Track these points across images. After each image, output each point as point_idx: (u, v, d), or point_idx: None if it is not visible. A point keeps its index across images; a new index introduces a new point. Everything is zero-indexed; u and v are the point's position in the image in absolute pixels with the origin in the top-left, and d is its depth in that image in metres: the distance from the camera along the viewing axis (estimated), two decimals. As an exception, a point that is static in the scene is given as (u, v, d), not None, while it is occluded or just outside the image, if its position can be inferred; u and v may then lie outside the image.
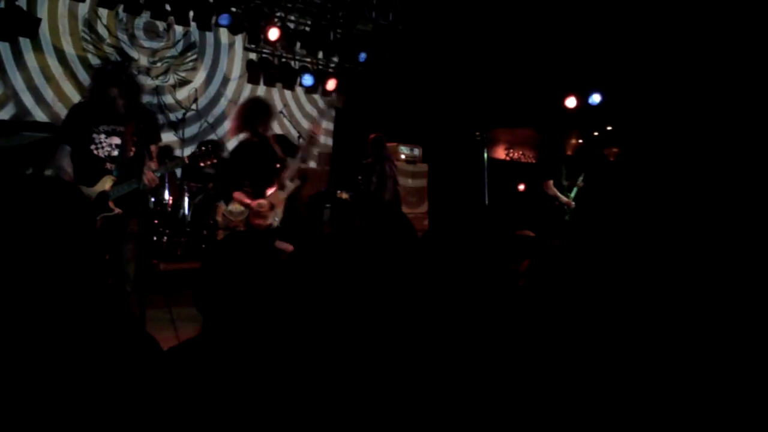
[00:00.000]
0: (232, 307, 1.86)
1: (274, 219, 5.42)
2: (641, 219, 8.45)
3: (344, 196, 8.67)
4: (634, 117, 9.77)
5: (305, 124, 10.78)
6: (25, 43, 8.01)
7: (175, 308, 4.87)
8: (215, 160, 4.72)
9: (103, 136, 4.17)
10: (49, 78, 8.25)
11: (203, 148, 4.86)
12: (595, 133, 10.48)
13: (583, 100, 9.80)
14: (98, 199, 4.12)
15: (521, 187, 11.07)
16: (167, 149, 8.20)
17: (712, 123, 8.94)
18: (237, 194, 5.42)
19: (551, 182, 7.37)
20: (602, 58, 9.77)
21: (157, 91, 9.29)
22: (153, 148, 4.49)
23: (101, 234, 4.08)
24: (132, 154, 4.27)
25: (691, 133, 9.16)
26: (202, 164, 4.72)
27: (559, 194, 7.33)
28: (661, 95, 9.41)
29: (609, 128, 10.40)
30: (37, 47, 8.16)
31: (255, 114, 5.46)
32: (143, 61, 9.16)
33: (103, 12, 8.74)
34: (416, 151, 10.12)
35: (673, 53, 9.19)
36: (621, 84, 9.72)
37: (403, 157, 9.84)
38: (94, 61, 8.60)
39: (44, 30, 8.16)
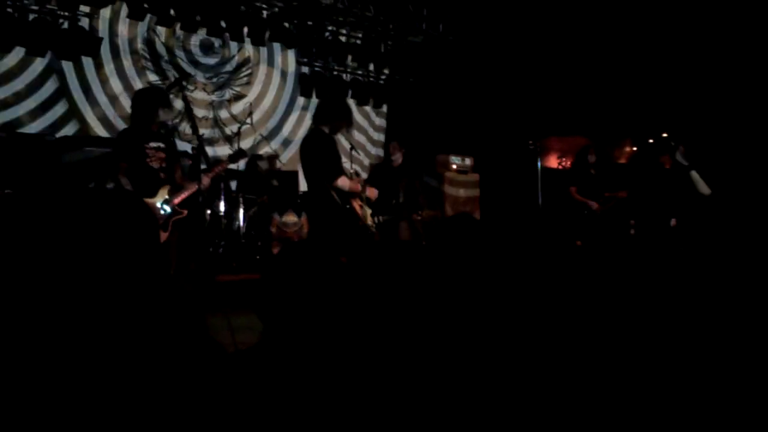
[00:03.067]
0: (294, 315, 1.90)
1: None
2: (700, 226, 8.28)
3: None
4: (692, 124, 9.59)
5: (356, 136, 10.95)
6: (87, 61, 8.33)
7: (233, 317, 4.98)
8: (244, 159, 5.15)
9: (152, 151, 4.70)
10: (110, 95, 8.57)
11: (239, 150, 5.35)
12: (650, 141, 10.31)
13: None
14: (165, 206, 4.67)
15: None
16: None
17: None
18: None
19: (575, 189, 7.69)
20: (655, 65, 9.63)
21: (213, 105, 9.54)
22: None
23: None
24: (175, 166, 4.86)
25: (751, 139, 8.95)
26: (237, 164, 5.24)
27: (587, 200, 7.66)
28: (718, 101, 9.22)
29: (664, 135, 10.22)
30: (99, 65, 8.49)
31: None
32: (200, 77, 9.42)
33: (161, 30, 9.04)
34: (468, 161, 10.09)
35: (728, 59, 9.00)
36: (676, 90, 9.55)
37: (454, 167, 9.83)
38: (153, 78, 8.90)
39: (105, 49, 8.47)
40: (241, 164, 8.64)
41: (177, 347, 1.57)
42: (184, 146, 7.34)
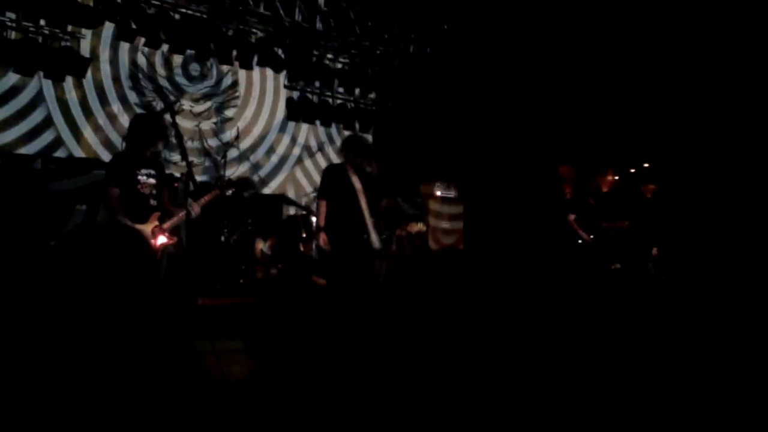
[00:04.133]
0: (282, 346, 1.92)
1: None
2: (681, 254, 8.40)
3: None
4: (672, 153, 9.75)
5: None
6: (69, 85, 8.33)
7: (216, 342, 4.98)
8: (234, 189, 5.36)
9: (144, 177, 4.78)
10: (94, 123, 8.57)
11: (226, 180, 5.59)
12: (632, 170, 10.45)
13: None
14: (155, 234, 4.71)
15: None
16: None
17: (753, 158, 8.89)
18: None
19: (574, 217, 7.74)
20: (639, 95, 9.80)
21: (200, 129, 9.55)
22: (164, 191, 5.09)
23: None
24: (163, 192, 4.97)
25: (732, 168, 9.12)
26: (227, 193, 5.29)
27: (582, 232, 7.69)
28: (699, 130, 9.39)
29: (646, 165, 10.36)
30: (80, 87, 8.47)
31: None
32: (186, 100, 9.42)
33: (148, 51, 9.05)
34: (452, 189, 10.15)
35: (710, 86, 9.19)
36: (659, 119, 9.72)
37: (438, 193, 9.89)
38: (136, 100, 8.90)
39: (90, 70, 8.42)
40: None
41: (169, 377, 1.59)
42: (169, 169, 7.35)
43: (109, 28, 8.53)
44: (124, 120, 8.50)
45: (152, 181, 4.82)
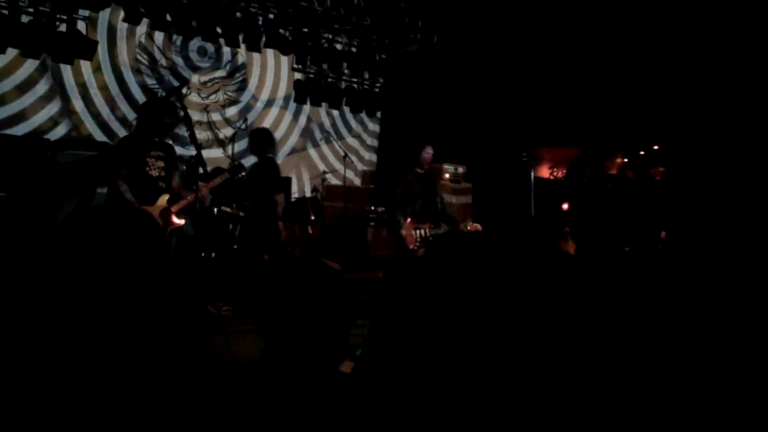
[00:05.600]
0: (292, 329, 1.92)
1: None
2: (691, 237, 8.36)
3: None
4: (682, 136, 9.68)
5: (351, 141, 11.12)
6: (85, 64, 8.36)
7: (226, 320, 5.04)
8: (243, 173, 5.43)
9: (153, 159, 4.80)
10: (106, 98, 8.63)
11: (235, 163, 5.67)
12: (641, 152, 10.39)
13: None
14: (163, 215, 4.74)
15: (565, 206, 10.98)
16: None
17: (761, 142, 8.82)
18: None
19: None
20: (647, 76, 9.72)
21: (207, 109, 9.55)
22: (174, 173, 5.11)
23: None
24: (173, 174, 5.01)
25: (742, 152, 9.05)
26: (237, 177, 5.37)
27: None
28: (709, 114, 9.32)
29: (655, 147, 10.30)
30: (97, 69, 8.56)
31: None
32: (194, 81, 9.43)
33: (157, 34, 9.05)
34: (460, 170, 10.15)
35: (719, 70, 9.11)
36: (668, 103, 9.65)
37: (447, 176, 9.89)
38: (148, 81, 8.92)
39: (104, 51, 8.55)
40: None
41: (179, 357, 1.59)
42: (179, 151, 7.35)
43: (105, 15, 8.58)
44: (124, 105, 8.59)
45: (161, 163, 4.84)
